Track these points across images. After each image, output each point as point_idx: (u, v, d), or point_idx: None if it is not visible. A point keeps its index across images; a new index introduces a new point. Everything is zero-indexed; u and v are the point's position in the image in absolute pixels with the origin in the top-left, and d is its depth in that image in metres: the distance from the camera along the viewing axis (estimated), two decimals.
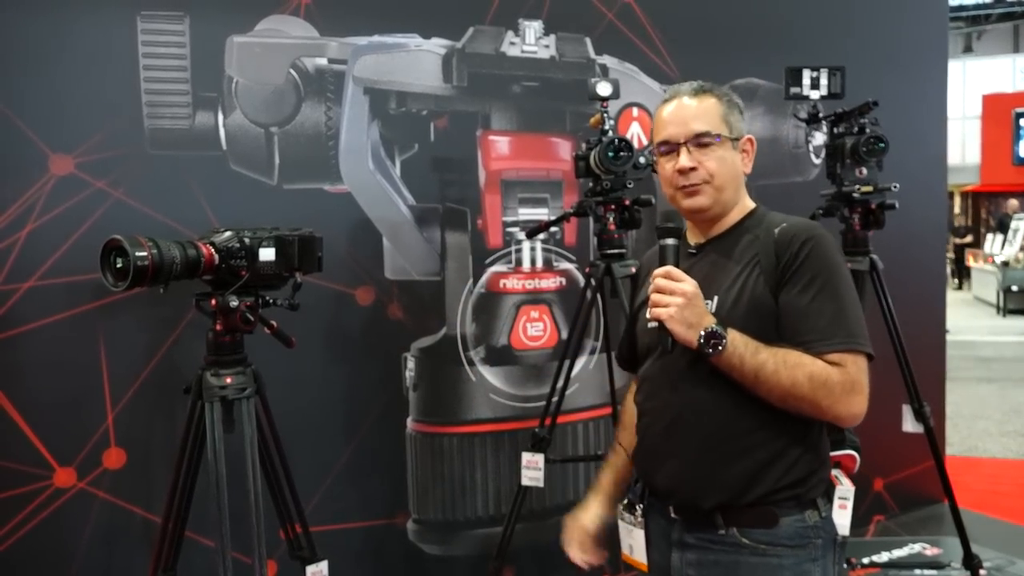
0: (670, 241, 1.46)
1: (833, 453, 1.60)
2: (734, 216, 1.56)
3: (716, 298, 1.47)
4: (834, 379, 1.38)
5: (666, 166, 1.55)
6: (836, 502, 1.58)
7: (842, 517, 1.61)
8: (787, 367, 1.38)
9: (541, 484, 2.62)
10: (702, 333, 1.38)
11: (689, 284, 1.41)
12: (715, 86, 1.57)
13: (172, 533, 2.17)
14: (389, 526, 2.90)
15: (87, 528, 2.43)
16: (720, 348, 1.38)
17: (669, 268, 1.43)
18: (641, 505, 1.62)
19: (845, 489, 1.64)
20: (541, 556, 3.08)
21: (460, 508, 2.98)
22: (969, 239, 16.30)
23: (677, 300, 1.39)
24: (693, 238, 1.60)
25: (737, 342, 1.39)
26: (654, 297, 1.43)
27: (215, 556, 2.09)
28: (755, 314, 1.44)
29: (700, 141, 1.50)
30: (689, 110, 1.53)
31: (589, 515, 1.74)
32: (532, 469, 2.60)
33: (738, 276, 1.48)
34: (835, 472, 1.64)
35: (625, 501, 1.66)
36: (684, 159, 1.51)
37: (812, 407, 1.40)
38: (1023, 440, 5.57)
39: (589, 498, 1.77)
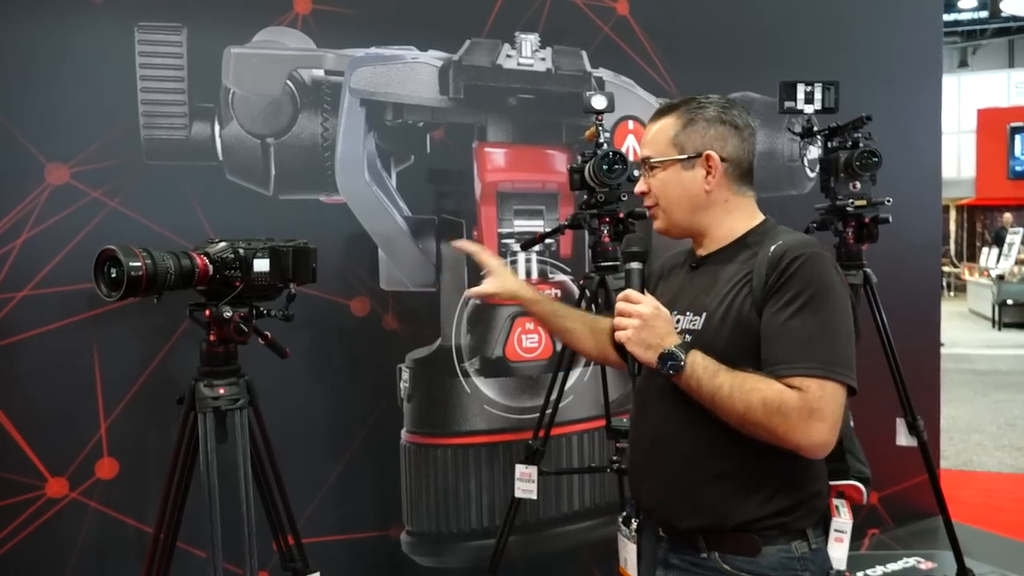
0: (634, 265, 1.47)
1: (835, 483, 1.53)
2: (734, 231, 1.51)
3: (704, 315, 1.44)
4: (789, 405, 1.30)
5: None
6: (832, 534, 1.49)
7: (837, 551, 1.52)
8: (742, 391, 1.32)
9: (535, 496, 2.62)
10: (660, 354, 1.37)
11: (646, 306, 1.40)
12: (688, 100, 1.52)
13: (164, 544, 2.17)
14: (382, 538, 2.89)
15: (79, 539, 2.42)
16: (677, 370, 1.36)
17: (628, 291, 1.43)
18: (636, 520, 1.60)
19: (842, 522, 1.54)
20: (535, 568, 3.07)
21: (454, 520, 2.97)
22: None
23: (633, 322, 1.39)
24: (697, 252, 1.57)
25: (697, 364, 1.36)
26: (615, 320, 1.43)
27: (207, 567, 2.08)
28: (740, 334, 1.39)
29: (646, 166, 1.54)
30: (646, 134, 1.56)
31: (521, 287, 1.82)
32: (525, 481, 2.60)
33: (727, 294, 1.43)
34: (837, 502, 1.54)
35: (623, 514, 1.65)
36: (639, 183, 1.57)
37: (768, 433, 1.32)
38: (1018, 454, 5.57)
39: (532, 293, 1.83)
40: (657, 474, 1.49)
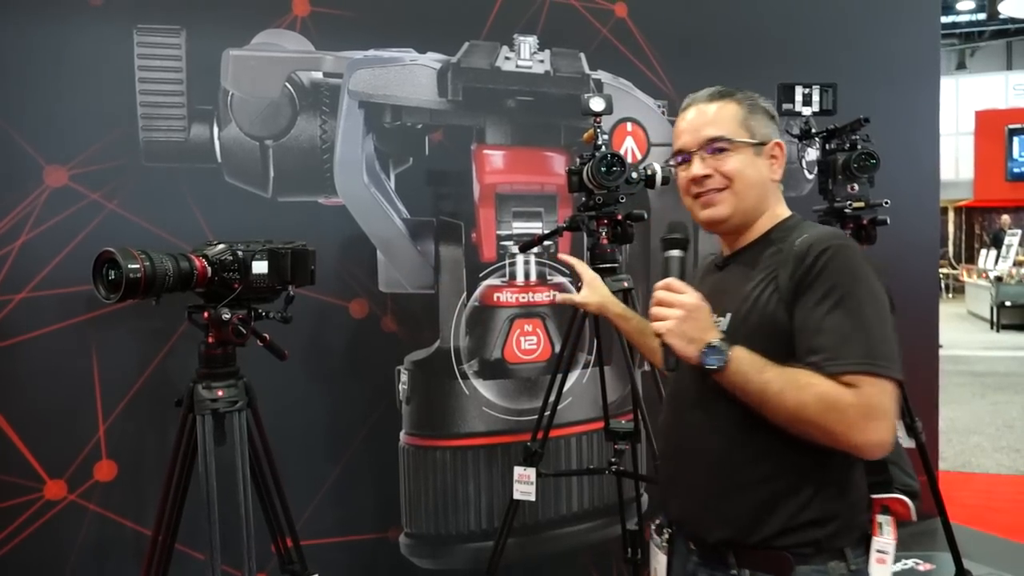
0: (675, 253, 1.40)
1: (878, 496, 1.42)
2: (762, 227, 1.47)
3: (729, 315, 1.38)
4: (846, 401, 1.23)
5: (681, 176, 1.48)
6: (873, 555, 1.38)
7: (880, 572, 1.39)
8: (794, 387, 1.25)
9: (533, 498, 2.62)
10: (703, 348, 1.29)
11: (690, 296, 1.32)
12: (738, 90, 1.48)
13: (163, 546, 2.16)
14: (381, 540, 2.89)
15: (77, 541, 2.42)
16: (721, 364, 1.28)
17: (670, 280, 1.35)
18: (669, 530, 1.54)
19: (884, 541, 1.40)
20: (533, 570, 3.07)
21: (453, 522, 2.97)
22: None
23: (676, 313, 1.31)
24: (724, 251, 1.52)
25: (742, 359, 1.28)
26: (653, 311, 1.34)
27: (205, 569, 2.08)
28: (763, 332, 1.33)
29: (713, 147, 1.42)
30: (704, 117, 1.45)
31: (611, 302, 1.86)
32: (524, 483, 2.60)
33: (752, 291, 1.37)
34: (880, 518, 1.41)
35: (656, 523, 1.59)
36: (696, 167, 1.44)
37: (824, 433, 1.25)
38: (1016, 455, 5.57)
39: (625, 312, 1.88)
40: (686, 485, 1.44)
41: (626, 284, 2.52)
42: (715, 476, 1.38)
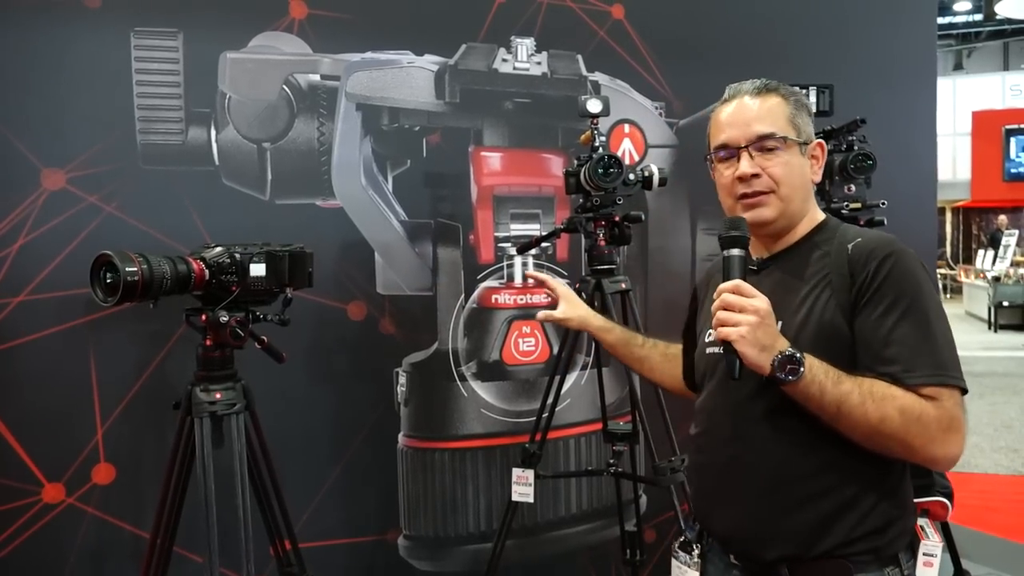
0: (736, 251, 1.29)
1: (919, 500, 1.41)
2: (802, 229, 1.41)
3: (780, 323, 1.29)
4: (929, 414, 1.20)
5: (724, 173, 1.40)
6: (920, 558, 1.38)
7: (928, 575, 1.39)
8: (875, 399, 1.20)
9: (531, 500, 2.62)
10: (777, 357, 1.21)
11: (762, 300, 1.23)
12: (781, 84, 1.42)
13: (161, 549, 2.16)
14: (380, 542, 2.89)
15: (76, 544, 2.41)
16: (797, 375, 1.21)
17: (738, 282, 1.25)
18: (698, 546, 1.48)
19: (931, 544, 1.42)
20: (532, 571, 3.07)
21: (451, 524, 2.97)
22: None
23: (749, 318, 1.21)
24: (755, 253, 1.44)
25: (816, 369, 1.22)
26: (721, 315, 1.24)
27: (204, 572, 2.08)
28: (824, 341, 1.27)
29: (763, 145, 1.36)
30: (751, 111, 1.38)
31: (591, 316, 1.82)
32: (522, 485, 2.60)
33: (805, 298, 1.32)
34: (922, 522, 1.42)
35: (681, 539, 1.53)
36: (745, 164, 1.36)
37: (903, 447, 1.22)
38: (1014, 455, 5.58)
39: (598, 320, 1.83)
40: (735, 501, 1.37)
41: (624, 285, 2.53)
42: (775, 491, 1.32)
